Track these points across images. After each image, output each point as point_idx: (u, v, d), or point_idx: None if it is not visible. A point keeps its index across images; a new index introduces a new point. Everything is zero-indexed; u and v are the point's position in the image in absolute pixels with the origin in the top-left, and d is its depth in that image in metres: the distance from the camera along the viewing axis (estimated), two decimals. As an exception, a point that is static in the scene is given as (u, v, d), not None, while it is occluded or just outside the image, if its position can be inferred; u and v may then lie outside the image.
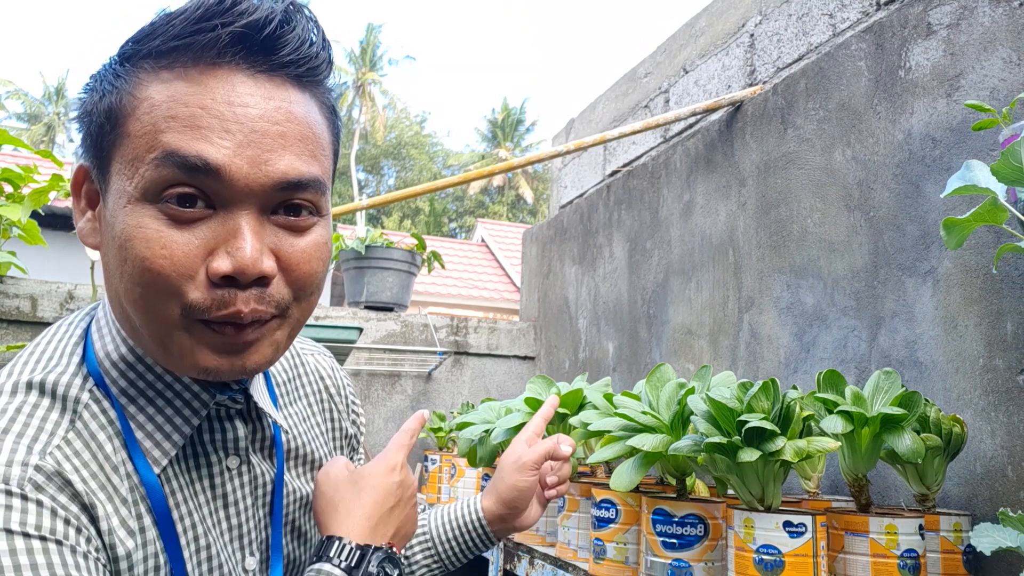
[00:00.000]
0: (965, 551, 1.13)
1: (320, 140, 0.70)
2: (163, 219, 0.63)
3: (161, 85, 0.64)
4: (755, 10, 2.10)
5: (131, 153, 0.64)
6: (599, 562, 1.28)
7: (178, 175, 0.63)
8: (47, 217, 2.78)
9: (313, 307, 0.73)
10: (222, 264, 0.64)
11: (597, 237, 2.70)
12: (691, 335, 2.10)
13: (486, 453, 1.69)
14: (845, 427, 1.07)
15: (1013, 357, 1.21)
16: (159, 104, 0.64)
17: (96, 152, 0.68)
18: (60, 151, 26.04)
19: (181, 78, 0.64)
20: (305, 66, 0.68)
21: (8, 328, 2.48)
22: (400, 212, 28.05)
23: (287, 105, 0.67)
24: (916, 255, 1.42)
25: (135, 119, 0.65)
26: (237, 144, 0.63)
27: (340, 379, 0.99)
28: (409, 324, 3.07)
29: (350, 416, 0.99)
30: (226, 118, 0.63)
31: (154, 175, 0.63)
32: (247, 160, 0.64)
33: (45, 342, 0.74)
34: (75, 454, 0.66)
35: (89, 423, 0.68)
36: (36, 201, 2.26)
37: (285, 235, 0.68)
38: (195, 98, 0.63)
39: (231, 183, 0.63)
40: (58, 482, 0.63)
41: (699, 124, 2.26)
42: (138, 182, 0.63)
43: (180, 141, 0.62)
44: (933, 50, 1.42)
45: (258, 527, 0.80)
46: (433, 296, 12.87)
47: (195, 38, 0.64)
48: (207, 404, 0.74)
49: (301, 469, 0.88)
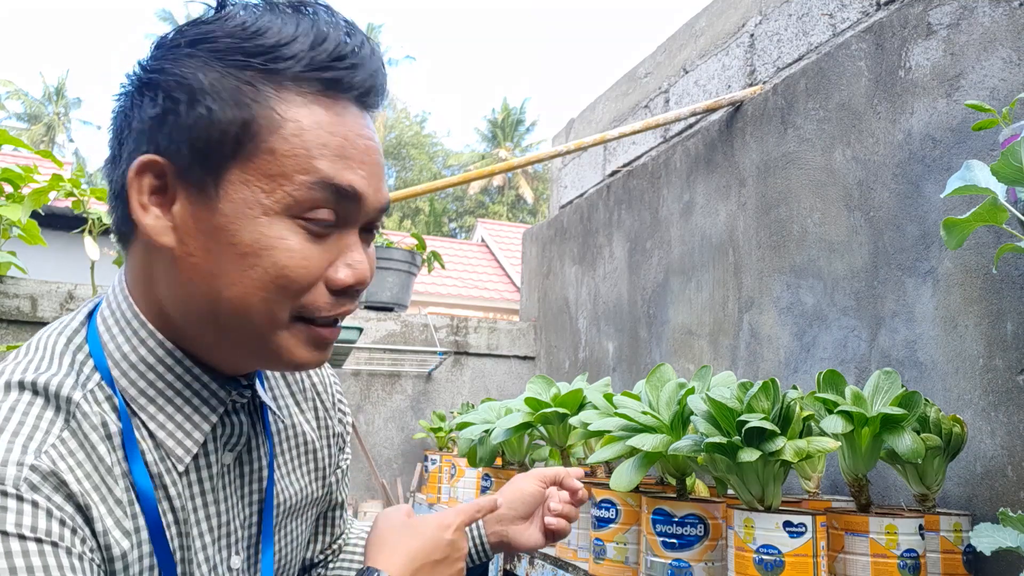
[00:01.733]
0: (965, 551, 1.13)
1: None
2: (302, 233, 0.69)
3: (306, 110, 0.69)
4: (755, 10, 2.10)
5: (275, 169, 0.68)
6: (599, 562, 1.28)
7: (328, 199, 0.69)
8: (47, 217, 2.78)
9: None
10: (346, 275, 0.72)
11: (597, 237, 2.70)
12: (691, 335, 2.10)
13: (486, 453, 1.69)
14: (845, 427, 1.07)
15: (1013, 357, 1.21)
16: (308, 129, 0.69)
17: (203, 156, 0.68)
18: (60, 151, 26.04)
19: (320, 105, 0.70)
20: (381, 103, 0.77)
21: (8, 328, 2.48)
22: (400, 212, 28.05)
23: (375, 136, 0.76)
24: (916, 255, 1.42)
25: (281, 138, 0.68)
26: (369, 174, 0.72)
27: (327, 377, 1.00)
28: (409, 324, 3.07)
29: (336, 415, 0.99)
30: (360, 149, 0.72)
31: (306, 196, 0.68)
32: (372, 188, 0.73)
33: (35, 346, 0.74)
34: (70, 453, 0.65)
35: (82, 423, 0.68)
36: (36, 201, 2.26)
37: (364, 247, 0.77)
38: (339, 128, 0.70)
39: (364, 208, 0.72)
40: (53, 482, 0.62)
41: (699, 124, 2.26)
42: (281, 197, 0.68)
43: (334, 170, 0.69)
44: (933, 50, 1.42)
45: (244, 524, 0.80)
46: (433, 296, 12.86)
47: (338, 73, 0.70)
48: (224, 400, 0.75)
49: (297, 460, 0.89)
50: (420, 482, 2.83)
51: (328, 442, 0.96)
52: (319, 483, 0.92)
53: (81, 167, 13.92)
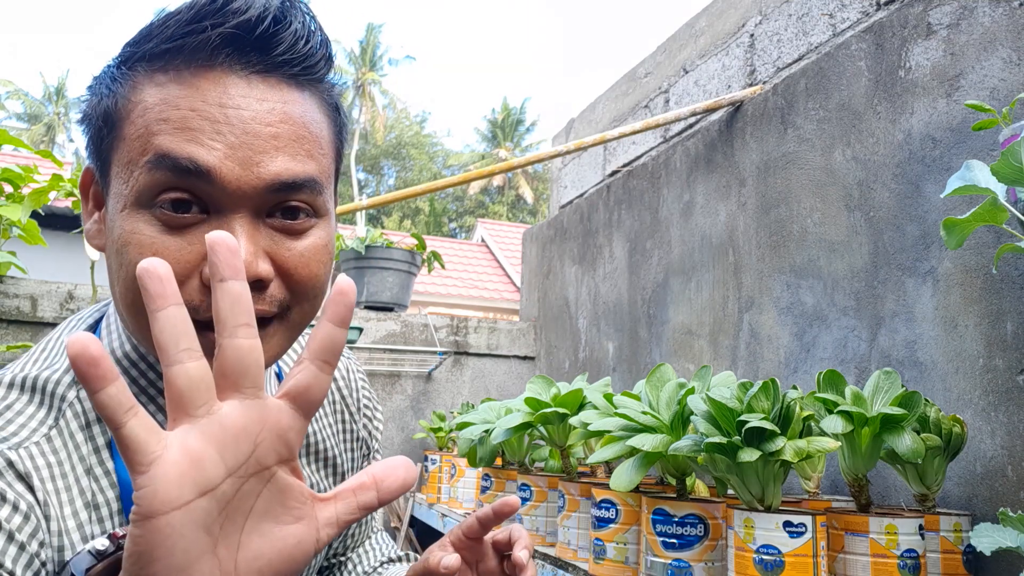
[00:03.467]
0: (965, 551, 1.13)
1: (318, 139, 0.69)
2: (157, 225, 0.63)
3: (155, 88, 0.64)
4: (755, 10, 2.10)
5: (126, 157, 0.64)
6: (599, 562, 1.28)
7: (170, 178, 0.62)
8: (47, 217, 2.78)
9: (316, 310, 0.72)
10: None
11: (597, 237, 2.70)
12: (691, 335, 2.10)
13: (486, 453, 1.69)
14: (845, 427, 1.07)
15: (1013, 357, 1.21)
16: (152, 107, 0.63)
17: (97, 155, 0.68)
18: (60, 151, 26.04)
19: (175, 81, 0.64)
20: (301, 65, 0.67)
21: (8, 328, 2.48)
22: (400, 212, 28.04)
23: (282, 106, 0.66)
24: (916, 255, 1.42)
25: (130, 123, 0.64)
26: (228, 146, 0.63)
27: (354, 379, 0.97)
28: (409, 324, 3.07)
29: (361, 419, 0.96)
30: (218, 120, 0.63)
31: (147, 179, 0.63)
32: (239, 162, 0.63)
33: (54, 338, 0.75)
34: (52, 451, 0.65)
35: (70, 422, 0.68)
36: (36, 201, 2.26)
37: (282, 238, 0.67)
38: (187, 101, 0.63)
39: (223, 186, 0.63)
40: (16, 472, 0.62)
41: (699, 124, 2.26)
42: (132, 185, 0.63)
43: (171, 143, 0.62)
44: (933, 50, 1.42)
45: None
46: (433, 296, 12.86)
47: (187, 40, 0.63)
48: None
49: (314, 462, 0.87)
50: (420, 482, 2.84)
51: (350, 446, 0.94)
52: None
53: (81, 167, 13.90)
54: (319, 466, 0.87)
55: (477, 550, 0.83)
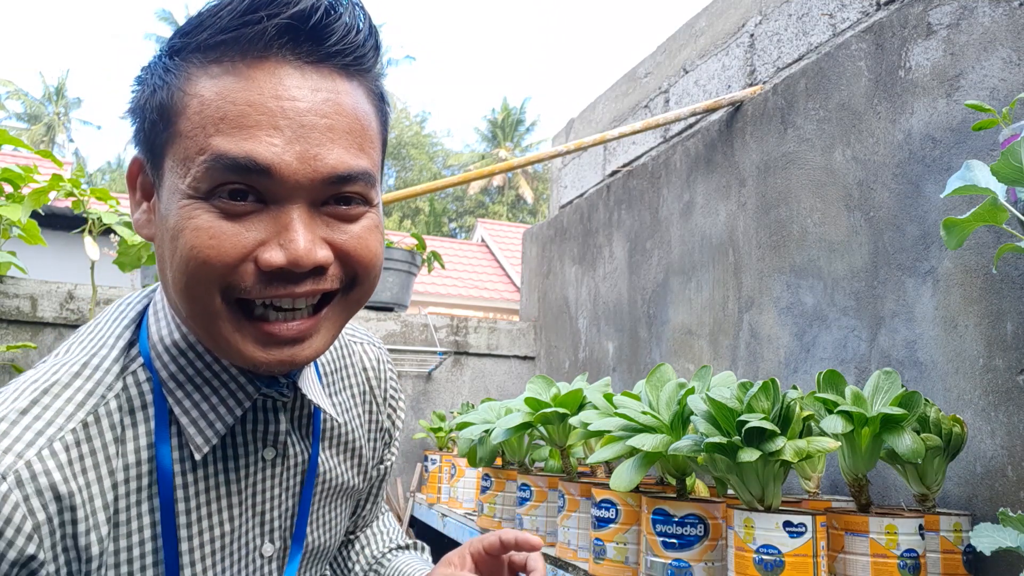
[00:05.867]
0: (965, 551, 1.13)
1: (368, 131, 0.70)
2: (215, 212, 0.64)
3: (210, 80, 0.65)
4: (755, 10, 2.10)
5: (183, 152, 0.65)
6: (599, 562, 1.28)
7: (228, 176, 0.63)
8: (47, 217, 2.78)
9: (373, 289, 0.74)
10: (275, 256, 0.64)
11: (597, 237, 2.70)
12: (691, 335, 2.10)
13: (486, 453, 1.69)
14: (845, 427, 1.07)
15: (1013, 357, 1.21)
16: (209, 102, 0.64)
17: (149, 147, 0.69)
18: (60, 151, 26.04)
19: (229, 72, 0.64)
20: (352, 55, 0.68)
21: (8, 328, 2.48)
22: (400, 212, 28.05)
23: (335, 96, 0.66)
24: (916, 255, 1.42)
25: (186, 118, 0.65)
26: (286, 140, 0.64)
27: (384, 370, 0.98)
28: (409, 324, 3.07)
29: (386, 410, 0.98)
30: (274, 113, 0.63)
31: (205, 176, 0.63)
32: (296, 156, 0.64)
33: (105, 320, 0.77)
34: (87, 439, 0.68)
35: (113, 411, 0.70)
36: (36, 201, 2.26)
37: (338, 224, 0.68)
38: (244, 94, 0.64)
39: (281, 180, 0.64)
40: (37, 486, 0.64)
41: (699, 124, 2.26)
42: (190, 181, 0.64)
43: (229, 143, 0.63)
44: (933, 50, 1.42)
45: (283, 516, 0.81)
46: (433, 296, 12.86)
47: (241, 31, 0.64)
48: (252, 396, 0.75)
49: (338, 450, 0.88)
50: (420, 482, 2.83)
51: (374, 435, 0.96)
52: (361, 476, 0.92)
53: (81, 167, 13.91)
54: (345, 456, 0.89)
55: (494, 566, 0.86)
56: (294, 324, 0.68)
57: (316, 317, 0.69)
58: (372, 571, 1.06)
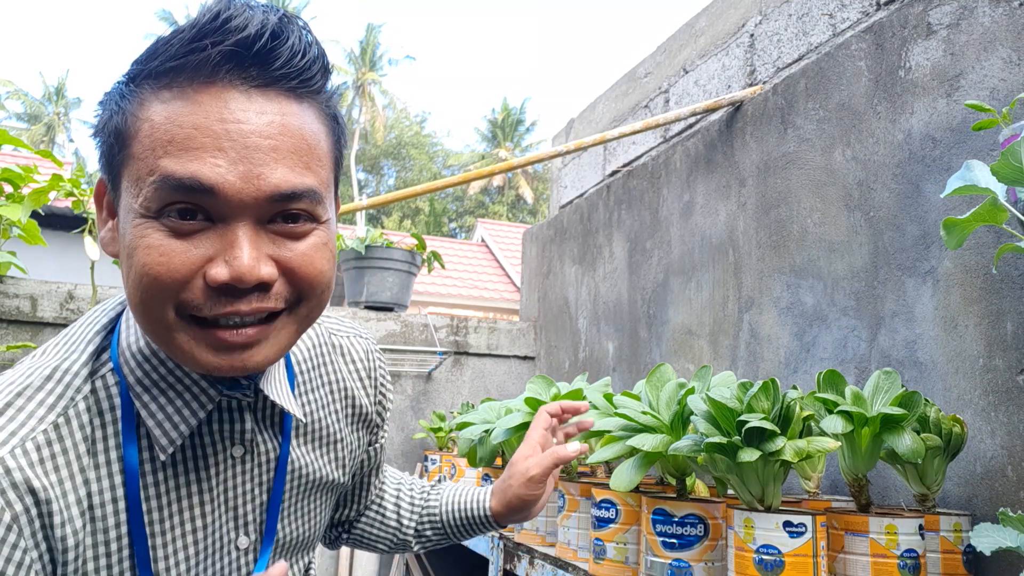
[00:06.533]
0: (965, 551, 1.13)
1: (316, 150, 0.72)
2: (165, 231, 0.67)
3: (161, 105, 0.68)
4: (755, 10, 2.10)
5: (135, 173, 0.68)
6: (599, 562, 1.28)
7: (175, 195, 0.66)
8: (47, 217, 2.78)
9: (323, 305, 0.76)
10: (220, 272, 0.67)
11: (597, 237, 2.70)
12: (691, 335, 2.10)
13: (486, 453, 1.69)
14: (845, 427, 1.07)
15: (1013, 357, 1.21)
16: (158, 126, 0.67)
17: (109, 168, 0.72)
18: (60, 151, 26.05)
19: (178, 97, 0.67)
20: (298, 78, 0.70)
21: (8, 328, 2.48)
22: (400, 212, 28.04)
23: (280, 118, 0.69)
24: (916, 255, 1.42)
25: (138, 141, 0.68)
26: (230, 161, 0.66)
27: (373, 362, 1.00)
28: (409, 324, 3.07)
29: (375, 405, 1.01)
30: (219, 135, 0.66)
31: (154, 195, 0.66)
32: (239, 176, 0.66)
33: (79, 326, 0.80)
34: (58, 439, 0.71)
35: (82, 414, 0.73)
36: (36, 201, 2.26)
37: (284, 241, 0.71)
38: (190, 118, 0.66)
39: (226, 199, 0.66)
40: (12, 480, 0.67)
41: (699, 124, 2.26)
42: (142, 200, 0.67)
43: (176, 165, 0.66)
44: (933, 50, 1.42)
45: (256, 510, 0.84)
46: (433, 296, 12.86)
47: (188, 58, 0.67)
48: (214, 399, 0.77)
49: (314, 445, 0.90)
50: (420, 482, 2.83)
51: (358, 427, 0.98)
52: (340, 470, 0.95)
53: (81, 167, 13.91)
54: (322, 452, 0.91)
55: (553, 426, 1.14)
56: (243, 331, 0.70)
57: (265, 326, 0.72)
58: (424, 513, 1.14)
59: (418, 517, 1.14)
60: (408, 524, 1.14)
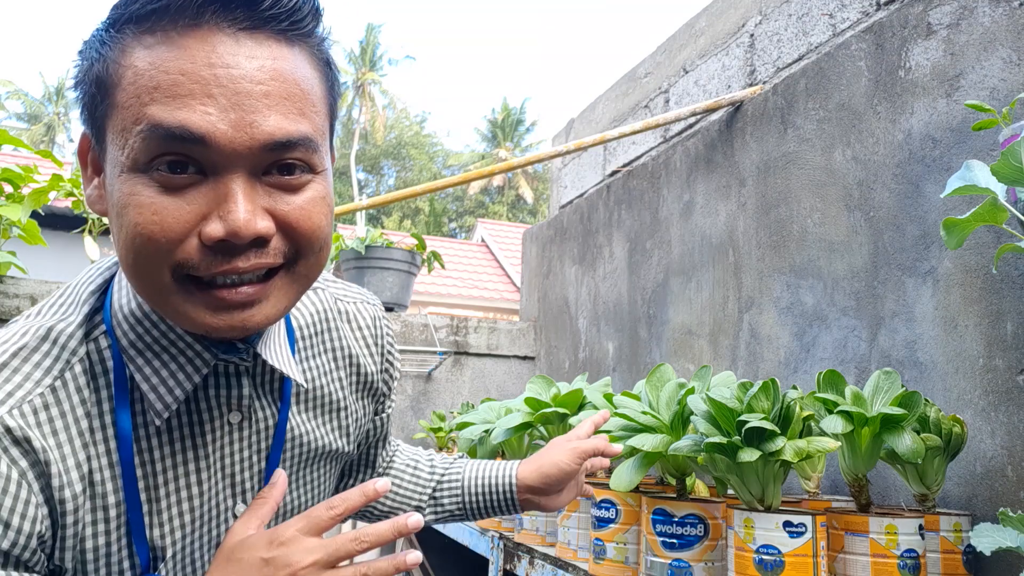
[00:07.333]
0: (965, 551, 1.13)
1: (309, 96, 0.68)
2: (155, 186, 0.64)
3: (144, 51, 0.64)
4: (755, 10, 2.10)
5: (120, 124, 0.64)
6: (599, 562, 1.28)
7: (164, 145, 0.62)
8: (47, 217, 2.78)
9: (322, 263, 0.73)
10: (215, 229, 0.64)
11: (597, 237, 2.70)
12: (691, 335, 2.10)
13: (486, 453, 1.69)
14: (845, 427, 1.07)
15: (1013, 357, 1.21)
16: (142, 72, 0.63)
17: (92, 122, 0.69)
18: (60, 151, 26.06)
19: (162, 42, 0.63)
20: (288, 20, 0.66)
21: (8, 328, 2.48)
22: (400, 212, 28.04)
23: (271, 63, 0.65)
24: (916, 255, 1.42)
25: (121, 89, 0.64)
26: (221, 108, 0.62)
27: (380, 329, 0.97)
28: (409, 324, 3.07)
29: (381, 373, 0.98)
30: (208, 81, 0.62)
31: (142, 146, 0.63)
32: (231, 124, 0.63)
33: (74, 285, 0.78)
34: (56, 402, 0.69)
35: (79, 376, 0.71)
36: (36, 201, 2.26)
37: (280, 194, 0.67)
38: (176, 63, 0.62)
39: (218, 149, 0.63)
40: (13, 437, 0.66)
41: (699, 124, 2.26)
42: (128, 152, 0.64)
43: (162, 112, 0.62)
44: (933, 50, 1.42)
45: (254, 478, 0.81)
46: (433, 296, 12.87)
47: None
48: (209, 363, 0.75)
49: (316, 413, 0.88)
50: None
51: (363, 395, 0.96)
52: (344, 439, 0.92)
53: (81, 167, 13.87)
54: (325, 419, 0.89)
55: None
56: (242, 290, 0.67)
57: (265, 284, 0.69)
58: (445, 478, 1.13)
59: (435, 483, 1.13)
60: (425, 488, 1.12)
